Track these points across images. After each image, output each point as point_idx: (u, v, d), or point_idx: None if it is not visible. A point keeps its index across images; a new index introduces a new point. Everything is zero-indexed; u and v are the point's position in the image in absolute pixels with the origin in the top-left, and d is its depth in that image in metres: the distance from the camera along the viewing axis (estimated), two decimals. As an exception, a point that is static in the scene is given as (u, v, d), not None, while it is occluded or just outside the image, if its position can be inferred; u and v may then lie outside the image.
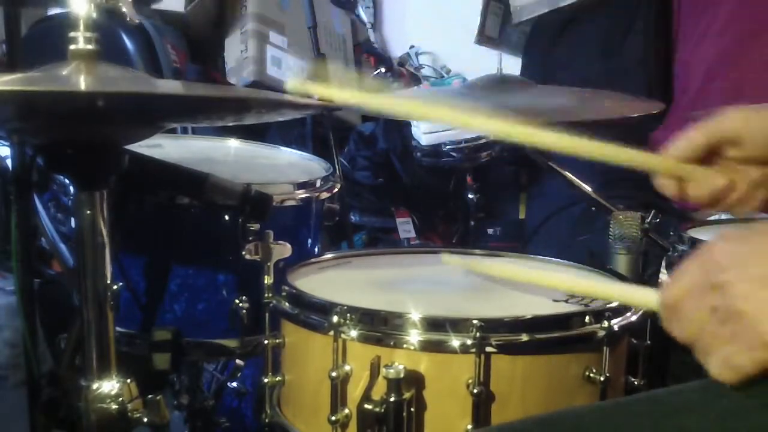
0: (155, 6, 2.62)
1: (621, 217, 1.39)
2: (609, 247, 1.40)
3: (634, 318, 1.04)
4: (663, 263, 1.48)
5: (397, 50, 3.51)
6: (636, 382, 1.09)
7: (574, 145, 0.89)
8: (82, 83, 0.96)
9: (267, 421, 1.11)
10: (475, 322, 0.93)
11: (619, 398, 1.00)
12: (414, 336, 0.96)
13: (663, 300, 0.73)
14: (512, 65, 2.92)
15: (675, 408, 0.79)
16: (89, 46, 0.99)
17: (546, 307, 1.05)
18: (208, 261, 1.32)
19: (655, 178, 0.93)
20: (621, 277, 1.19)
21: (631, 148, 0.91)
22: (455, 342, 0.94)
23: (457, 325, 0.95)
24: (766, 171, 0.90)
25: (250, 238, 1.18)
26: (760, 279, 0.65)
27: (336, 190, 1.45)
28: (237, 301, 1.28)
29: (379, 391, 0.94)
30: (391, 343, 0.96)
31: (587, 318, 0.99)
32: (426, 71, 3.42)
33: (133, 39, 2.60)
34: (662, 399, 0.82)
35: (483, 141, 2.63)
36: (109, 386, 1.06)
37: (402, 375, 0.92)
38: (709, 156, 0.89)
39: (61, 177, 1.80)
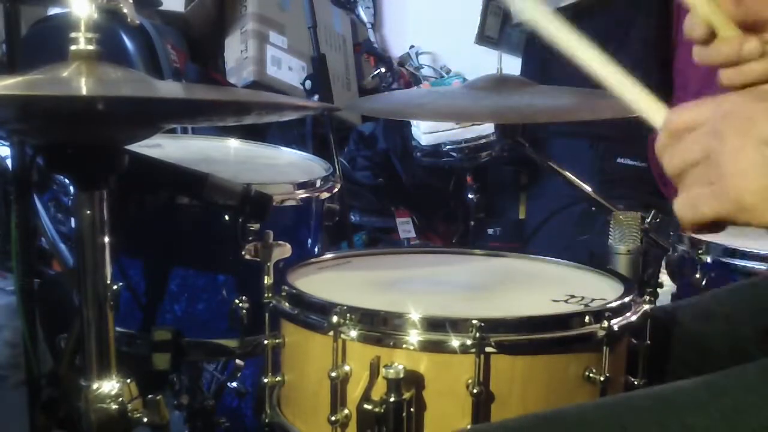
0: (154, 7, 2.62)
1: (621, 217, 1.39)
2: (609, 247, 1.40)
3: (634, 318, 1.04)
4: (663, 263, 1.48)
5: (397, 50, 3.51)
6: (636, 382, 1.08)
7: None
8: (83, 86, 0.95)
9: (267, 421, 1.11)
10: (475, 322, 0.93)
11: (620, 394, 1.00)
12: (414, 336, 0.96)
13: (669, 121, 0.71)
14: (512, 65, 2.92)
15: (679, 405, 0.79)
16: (90, 47, 0.99)
17: (546, 307, 1.05)
18: (208, 261, 1.32)
19: (684, 23, 0.87)
20: (621, 277, 1.19)
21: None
22: (455, 342, 0.94)
23: (457, 325, 0.95)
24: None
25: (250, 238, 1.18)
26: (757, 140, 0.64)
27: (336, 190, 1.45)
28: (237, 301, 1.28)
29: (379, 391, 0.94)
30: (391, 343, 0.96)
31: (587, 318, 0.99)
32: (426, 71, 3.43)
33: (134, 39, 2.60)
34: (666, 396, 0.81)
35: (483, 141, 2.63)
36: (109, 386, 1.06)
37: (402, 375, 0.92)
38: (749, 29, 0.84)
39: (61, 177, 1.80)
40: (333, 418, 0.97)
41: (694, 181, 0.68)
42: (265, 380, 1.11)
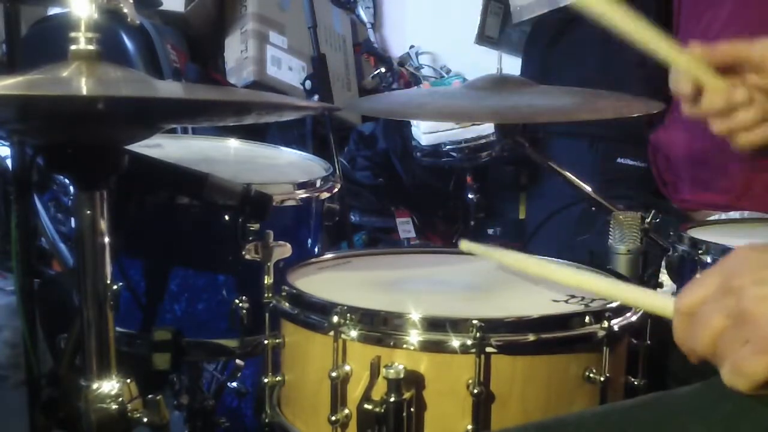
0: (154, 7, 2.62)
1: (621, 217, 1.39)
2: (609, 247, 1.40)
3: (634, 318, 1.04)
4: (663, 263, 1.48)
5: (397, 50, 3.51)
6: (636, 382, 1.09)
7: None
8: (84, 86, 0.95)
9: (267, 421, 1.11)
10: (475, 322, 0.93)
11: (620, 402, 1.00)
12: (414, 336, 0.96)
13: (679, 307, 0.69)
14: (512, 65, 2.92)
15: (677, 411, 0.79)
16: (90, 47, 0.99)
17: (546, 308, 1.05)
18: (208, 261, 1.32)
19: (672, 74, 0.89)
20: (621, 278, 1.19)
21: (660, 34, 0.87)
22: (455, 342, 0.94)
23: (457, 325, 0.95)
24: None
25: (250, 238, 1.18)
26: None
27: (336, 190, 1.45)
28: (237, 301, 1.28)
29: (379, 391, 0.94)
30: (391, 343, 0.96)
31: (587, 318, 0.99)
32: (426, 71, 3.42)
33: (134, 39, 2.60)
34: (664, 402, 0.81)
35: (483, 141, 2.63)
36: (109, 386, 1.06)
37: (402, 375, 0.92)
38: (733, 73, 0.87)
39: (61, 177, 1.80)
40: (333, 418, 0.97)
41: (728, 347, 0.65)
42: (265, 380, 1.11)
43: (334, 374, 0.97)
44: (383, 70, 3.26)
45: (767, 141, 0.89)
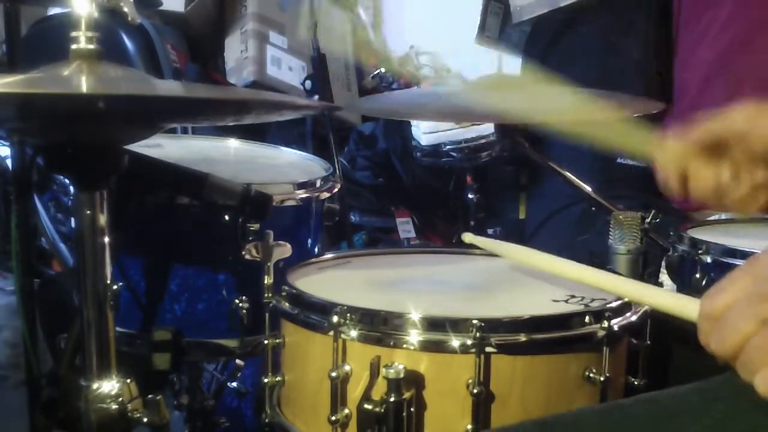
0: (155, 7, 2.62)
1: (621, 217, 1.39)
2: (609, 247, 1.40)
3: (634, 318, 1.04)
4: (663, 263, 1.48)
5: (397, 50, 3.51)
6: (636, 382, 1.09)
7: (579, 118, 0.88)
8: (84, 85, 0.95)
9: (267, 421, 1.11)
10: (475, 322, 0.93)
11: (617, 401, 1.00)
12: (414, 336, 0.96)
13: (705, 309, 0.67)
14: (512, 65, 2.92)
15: (673, 411, 0.79)
16: (90, 46, 0.99)
17: (546, 307, 1.05)
18: (208, 261, 1.32)
19: (657, 171, 0.90)
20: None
21: (639, 132, 0.88)
22: (455, 342, 0.94)
23: (457, 325, 0.95)
24: None
25: (250, 238, 1.18)
26: None
27: (336, 190, 1.45)
28: (237, 301, 1.28)
29: (379, 391, 0.94)
30: (391, 343, 0.96)
31: (587, 318, 0.99)
32: (426, 71, 3.42)
33: (134, 39, 2.60)
34: (660, 402, 0.81)
35: (483, 141, 2.63)
36: (109, 386, 1.06)
37: (402, 375, 0.92)
38: (714, 152, 0.87)
39: (61, 177, 1.80)
40: (333, 418, 0.97)
41: (759, 355, 0.63)
42: (265, 380, 1.11)
43: (334, 374, 0.97)
44: (383, 70, 3.26)
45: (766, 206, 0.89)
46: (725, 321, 0.64)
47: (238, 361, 1.58)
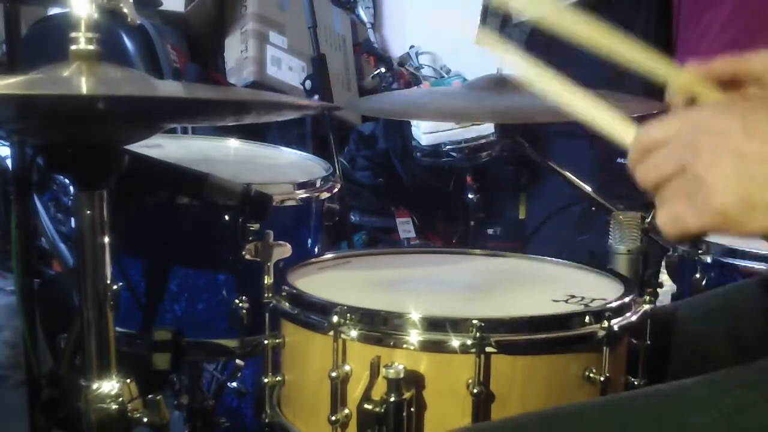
0: (155, 7, 2.62)
1: (621, 217, 1.39)
2: (609, 247, 1.40)
3: (634, 318, 1.04)
4: (663, 263, 1.48)
5: (397, 50, 3.51)
6: (636, 382, 1.08)
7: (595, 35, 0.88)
8: (84, 85, 0.95)
9: (267, 421, 1.11)
10: (475, 322, 0.93)
11: (621, 393, 0.99)
12: (414, 336, 0.96)
13: (639, 139, 0.72)
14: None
15: (679, 403, 0.79)
16: (90, 47, 0.99)
17: (546, 307, 1.05)
18: (208, 261, 1.32)
19: (668, 90, 0.91)
20: (621, 278, 1.19)
21: (653, 53, 0.89)
22: (455, 342, 0.94)
23: (457, 325, 0.95)
24: None
25: (250, 238, 1.18)
26: (732, 154, 0.65)
27: (336, 190, 1.45)
28: (237, 301, 1.28)
29: (379, 391, 0.94)
30: (391, 343, 0.96)
31: (587, 318, 0.99)
32: (426, 71, 3.43)
33: (134, 39, 2.60)
34: (666, 394, 0.81)
35: (483, 141, 2.63)
36: (109, 386, 1.06)
37: (402, 375, 0.92)
38: (727, 88, 0.88)
39: (61, 177, 1.80)
40: (333, 418, 0.97)
41: (671, 194, 0.69)
42: (265, 380, 1.11)
43: (334, 374, 0.97)
44: (383, 70, 3.27)
45: None
46: (651, 156, 0.70)
47: (238, 361, 1.58)
